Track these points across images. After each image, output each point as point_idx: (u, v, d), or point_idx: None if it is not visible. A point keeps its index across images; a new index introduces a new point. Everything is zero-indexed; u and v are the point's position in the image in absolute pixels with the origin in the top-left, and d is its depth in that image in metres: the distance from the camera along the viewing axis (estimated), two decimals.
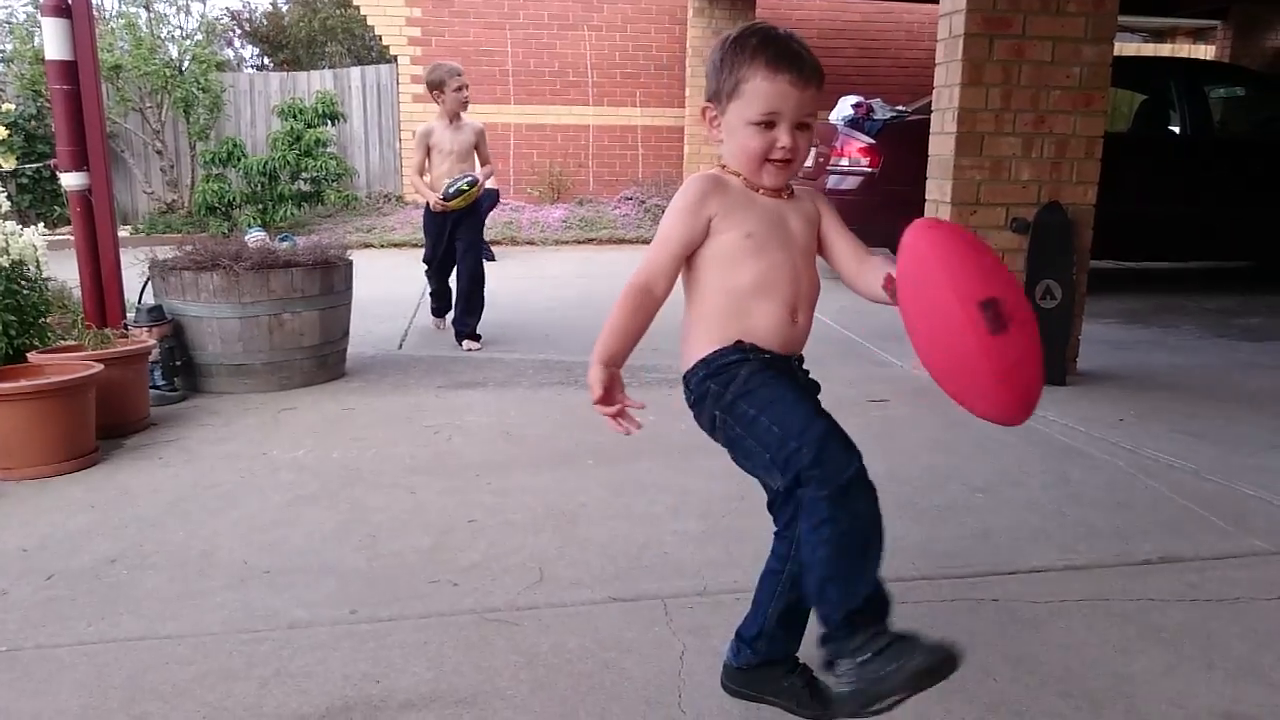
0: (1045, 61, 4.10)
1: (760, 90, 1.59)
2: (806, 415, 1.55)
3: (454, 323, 5.18)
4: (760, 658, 1.77)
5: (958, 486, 2.91)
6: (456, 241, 5.18)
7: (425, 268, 5.48)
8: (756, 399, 1.59)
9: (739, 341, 1.64)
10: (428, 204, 5.11)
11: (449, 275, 5.34)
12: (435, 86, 5.07)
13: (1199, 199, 6.87)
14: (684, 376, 1.71)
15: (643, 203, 11.47)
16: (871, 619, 1.46)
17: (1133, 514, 2.72)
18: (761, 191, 1.68)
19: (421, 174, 5.19)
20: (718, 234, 1.65)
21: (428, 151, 5.14)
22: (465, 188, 4.95)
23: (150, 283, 4.14)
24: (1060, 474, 3.05)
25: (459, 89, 5.06)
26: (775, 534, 1.77)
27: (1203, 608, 2.16)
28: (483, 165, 5.22)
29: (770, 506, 1.75)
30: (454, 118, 5.12)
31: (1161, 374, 4.51)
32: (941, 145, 4.30)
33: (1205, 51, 13.88)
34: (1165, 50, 14.66)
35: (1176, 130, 7.21)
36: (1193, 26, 14.48)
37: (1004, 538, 2.54)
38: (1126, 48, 13.79)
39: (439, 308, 5.53)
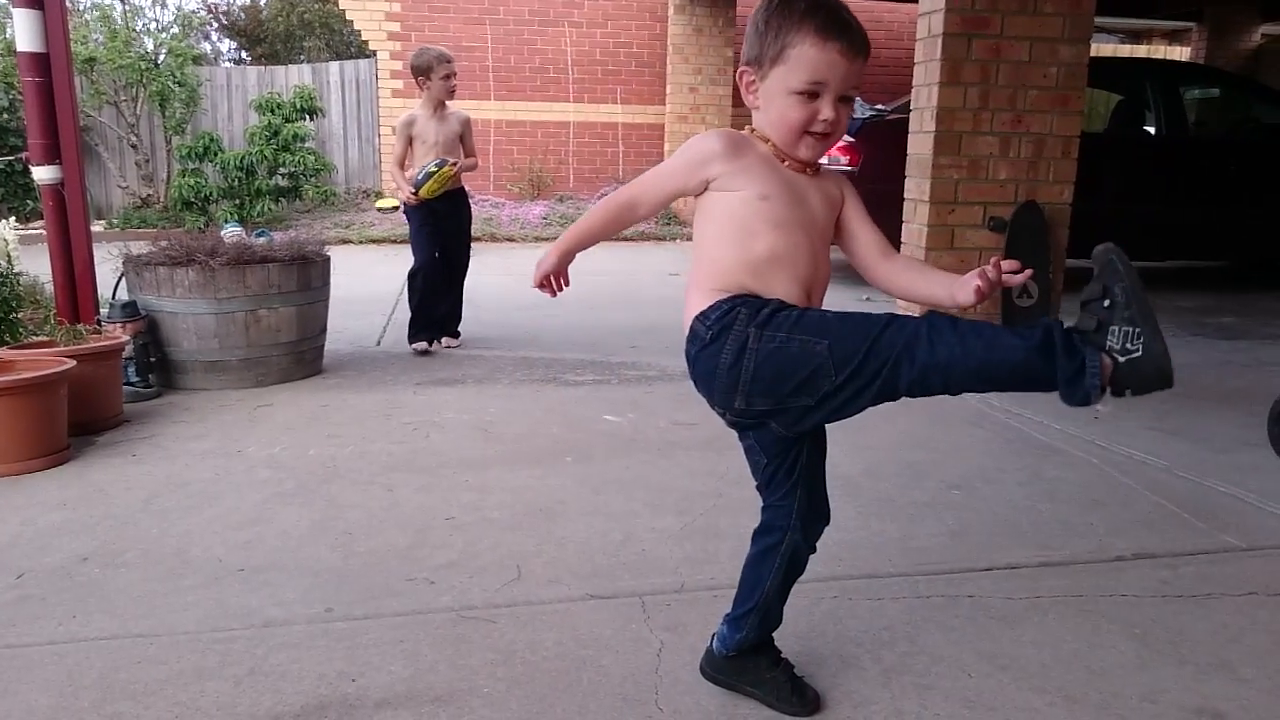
0: (1023, 61, 4.14)
1: (808, 57, 1.52)
2: (851, 316, 1.52)
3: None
4: (751, 636, 1.76)
5: (935, 484, 2.93)
6: (446, 241, 4.80)
7: (410, 279, 4.82)
8: (796, 324, 1.52)
9: (755, 294, 1.58)
10: (414, 207, 4.65)
11: (436, 283, 4.82)
12: (421, 72, 4.69)
13: (1173, 199, 6.94)
14: (699, 315, 1.59)
15: None
16: (1061, 329, 1.49)
17: (1107, 511, 2.74)
18: (788, 164, 1.62)
19: (403, 167, 4.79)
20: (724, 191, 1.59)
21: (409, 142, 4.75)
22: (434, 169, 4.57)
23: (124, 278, 4.09)
24: (1036, 471, 3.07)
25: (446, 76, 4.69)
26: (768, 507, 1.74)
27: (1175, 603, 2.18)
28: (467, 157, 4.86)
29: (767, 484, 1.72)
30: (439, 106, 4.76)
31: None
32: (920, 144, 4.32)
33: (1180, 53, 14.02)
34: (1141, 51, 14.80)
35: (1152, 131, 7.28)
36: (1168, 28, 14.63)
37: (980, 534, 2.55)
38: (1103, 48, 13.92)
39: (427, 330, 4.80)
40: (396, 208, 10.62)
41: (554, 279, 1.76)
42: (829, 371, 1.48)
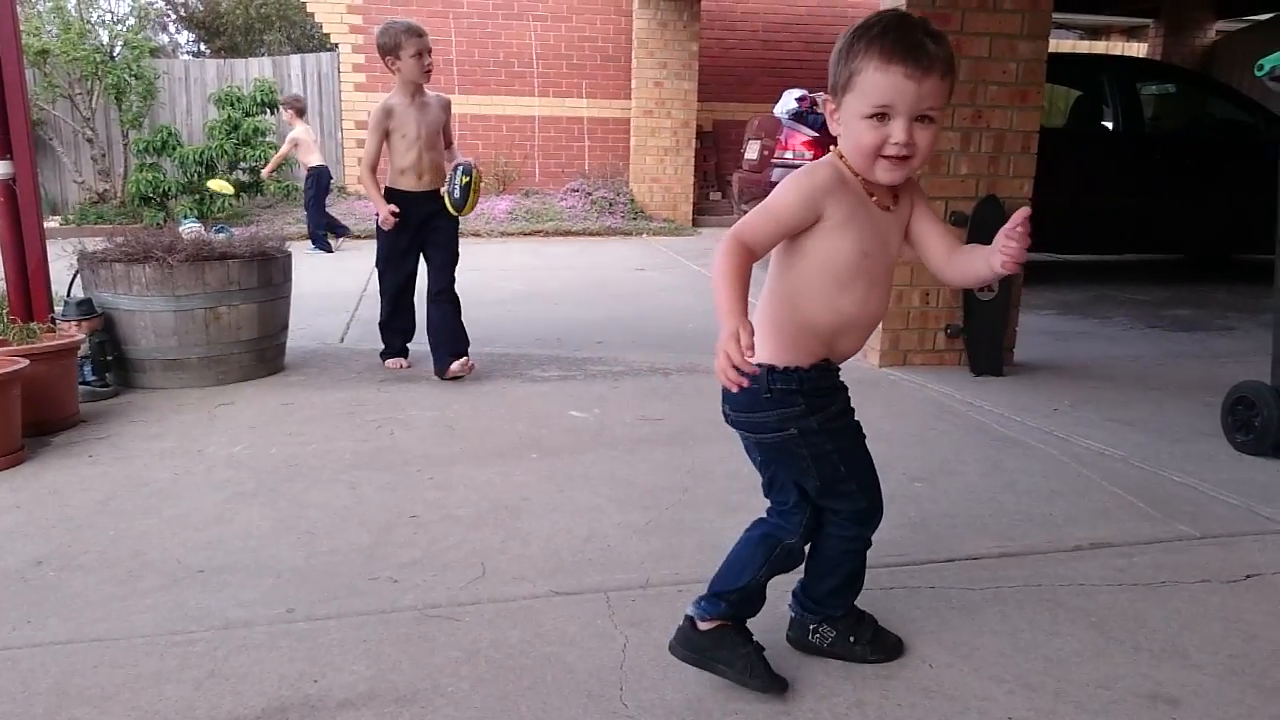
0: (983, 57, 4.18)
1: (872, 82, 1.55)
2: (870, 468, 1.80)
3: (437, 349, 4.13)
4: (730, 612, 1.80)
5: (898, 476, 2.95)
6: (429, 250, 4.15)
7: (380, 288, 4.29)
8: (838, 439, 1.75)
9: (827, 360, 1.73)
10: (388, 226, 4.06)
11: (412, 295, 4.30)
12: (388, 51, 3.95)
13: (1130, 193, 7.06)
14: (770, 370, 1.69)
15: (589, 195, 11.44)
16: (852, 611, 1.92)
17: (1065, 501, 2.78)
18: (875, 199, 1.67)
19: (376, 168, 4.07)
20: (829, 234, 1.64)
21: (385, 137, 4.03)
22: (465, 179, 3.94)
23: (79, 275, 4.01)
24: (996, 463, 3.11)
25: (419, 54, 3.95)
26: (779, 511, 1.84)
27: (1130, 591, 2.22)
28: (447, 148, 4.19)
29: (769, 486, 1.86)
30: (416, 91, 4.04)
31: (1095, 364, 4.63)
32: None
33: (1138, 49, 14.25)
34: (1100, 47, 15.02)
35: (1110, 126, 7.40)
36: (1126, 24, 14.86)
37: (942, 526, 2.58)
38: (1063, 44, 14.10)
39: (400, 345, 4.34)
40: (237, 194, 10.02)
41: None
42: (808, 481, 1.77)
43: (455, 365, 4.06)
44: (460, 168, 4.01)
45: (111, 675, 1.83)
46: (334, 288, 6.51)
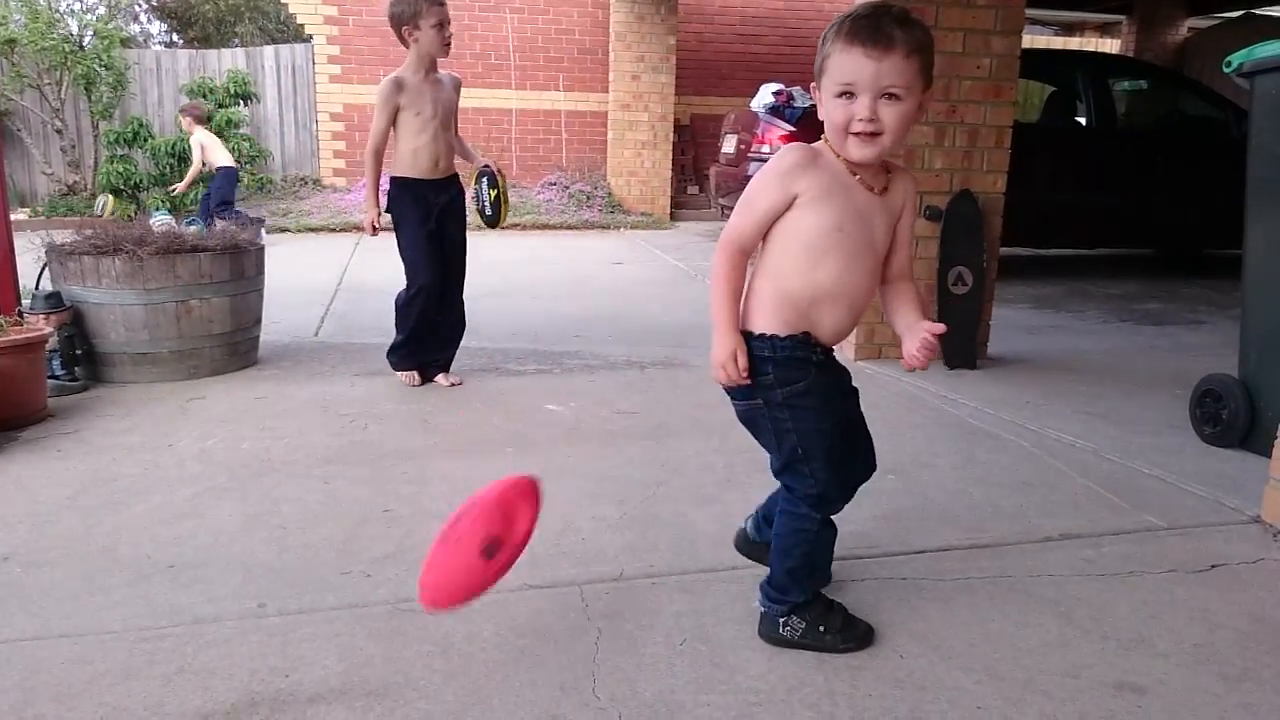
0: (956, 52, 4.19)
1: (837, 63, 1.65)
2: (832, 456, 1.82)
3: (429, 354, 3.97)
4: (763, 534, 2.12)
5: None
6: (450, 240, 3.84)
7: (408, 296, 3.81)
8: (799, 418, 1.79)
9: (807, 334, 1.78)
10: (400, 199, 3.73)
11: (440, 300, 3.87)
12: (405, 21, 3.58)
13: (1103, 189, 7.13)
14: (747, 334, 1.79)
15: (566, 188, 11.42)
16: (820, 600, 1.94)
17: (1036, 493, 2.81)
18: (859, 178, 1.74)
19: (382, 152, 3.73)
20: (804, 209, 1.72)
21: (395, 114, 3.68)
22: (494, 191, 3.79)
23: (48, 268, 3.96)
24: (968, 455, 3.13)
25: (439, 24, 3.59)
26: None
27: (1098, 582, 2.24)
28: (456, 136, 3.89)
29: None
30: (431, 67, 3.72)
31: (1067, 357, 4.67)
32: None
33: (1111, 45, 14.36)
34: (1074, 43, 15.14)
35: (1083, 122, 7.46)
36: (1099, 20, 14.98)
37: (914, 518, 2.60)
38: (1037, 40, 14.20)
39: (418, 351, 3.91)
40: (136, 215, 9.18)
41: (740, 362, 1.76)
42: (773, 452, 1.87)
43: (440, 378, 3.94)
44: (485, 178, 3.92)
45: (78, 671, 1.81)
46: (308, 281, 6.46)
